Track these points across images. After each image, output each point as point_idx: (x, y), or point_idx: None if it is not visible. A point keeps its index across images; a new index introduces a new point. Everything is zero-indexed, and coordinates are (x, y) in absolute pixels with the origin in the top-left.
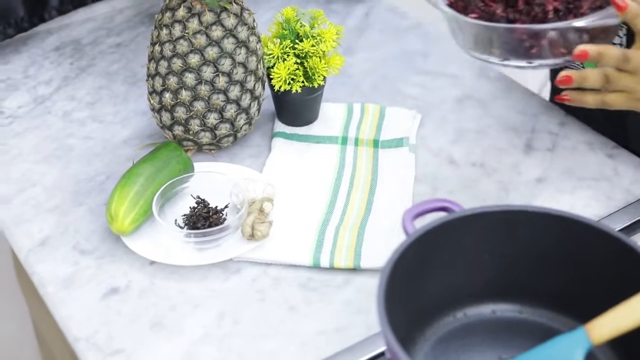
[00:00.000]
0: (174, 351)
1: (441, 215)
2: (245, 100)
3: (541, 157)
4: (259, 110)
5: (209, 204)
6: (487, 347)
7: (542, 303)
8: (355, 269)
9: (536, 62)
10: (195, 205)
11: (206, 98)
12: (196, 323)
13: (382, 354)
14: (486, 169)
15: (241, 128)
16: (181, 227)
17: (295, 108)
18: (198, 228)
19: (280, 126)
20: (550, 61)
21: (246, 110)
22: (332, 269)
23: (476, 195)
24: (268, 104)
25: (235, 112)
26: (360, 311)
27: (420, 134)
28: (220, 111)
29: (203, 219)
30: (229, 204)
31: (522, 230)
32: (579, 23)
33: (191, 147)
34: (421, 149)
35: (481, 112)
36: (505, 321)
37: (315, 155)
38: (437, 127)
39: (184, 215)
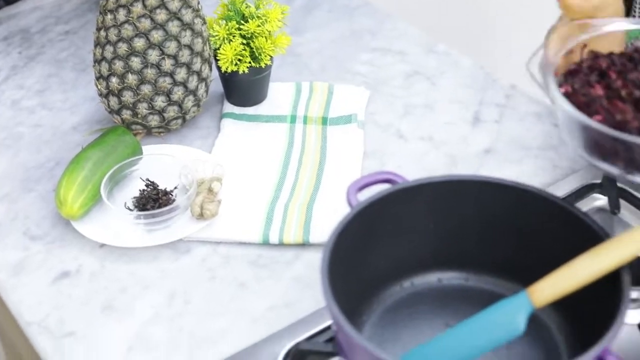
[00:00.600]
0: (125, 332)
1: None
2: (193, 82)
3: (489, 129)
4: (206, 91)
5: (158, 186)
6: (434, 314)
7: (488, 270)
8: (305, 245)
9: None
10: (145, 188)
11: (153, 81)
12: (147, 304)
13: (330, 326)
14: (434, 143)
15: (189, 110)
16: (130, 210)
17: (243, 88)
18: (147, 210)
19: (229, 107)
20: None
21: (194, 92)
22: (281, 245)
23: (425, 168)
24: (216, 85)
25: (182, 94)
26: (310, 286)
27: (368, 110)
28: (168, 94)
29: (152, 200)
30: (178, 185)
31: (467, 199)
32: None
33: (140, 131)
34: (370, 125)
35: (429, 87)
36: (451, 289)
37: (264, 135)
38: (385, 103)
39: (134, 197)
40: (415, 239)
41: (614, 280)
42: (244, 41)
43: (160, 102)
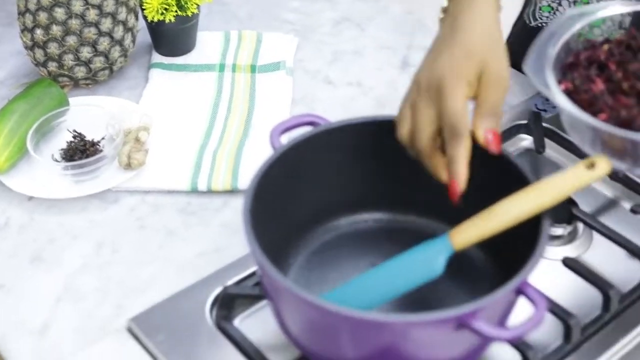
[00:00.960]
0: (54, 283)
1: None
2: (118, 32)
3: None
4: (133, 41)
5: (85, 137)
6: (360, 255)
7: (414, 210)
8: (233, 191)
9: None
10: (72, 139)
11: (78, 32)
12: (75, 254)
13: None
14: (363, 88)
15: (116, 61)
16: (58, 161)
17: (171, 38)
18: (75, 161)
19: (157, 57)
20: None
21: (120, 42)
22: (210, 192)
23: (353, 113)
24: (144, 35)
25: (108, 44)
26: (238, 231)
27: (297, 57)
28: (94, 44)
29: (80, 152)
30: (105, 135)
31: (391, 140)
32: None
33: (67, 83)
34: (298, 72)
35: (358, 33)
36: (378, 230)
37: (193, 84)
38: (314, 50)
39: (61, 149)
40: (341, 181)
41: (536, 218)
42: None
43: (86, 53)
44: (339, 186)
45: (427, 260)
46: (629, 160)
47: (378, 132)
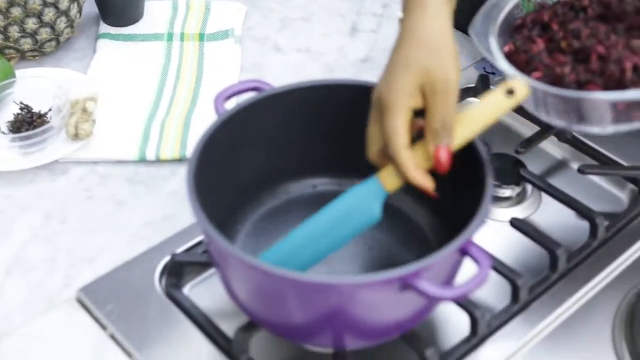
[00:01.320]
0: (3, 255)
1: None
2: (64, 3)
3: (365, 39)
4: (80, 12)
5: (32, 108)
6: None
7: (361, 175)
8: (182, 160)
9: (623, 127)
10: (19, 111)
11: (22, 3)
12: (24, 226)
13: None
14: (312, 54)
15: (63, 32)
16: (5, 133)
17: (118, 8)
18: (22, 133)
19: (105, 27)
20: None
21: (66, 13)
22: (159, 161)
23: (302, 79)
24: (91, 6)
25: (54, 15)
26: (187, 200)
27: (246, 25)
28: (39, 15)
29: (27, 123)
30: (52, 107)
31: (335, 104)
32: None
33: (14, 55)
34: (247, 40)
35: (307, 0)
36: (325, 195)
37: (141, 54)
38: (263, 17)
39: (8, 122)
40: (287, 146)
41: (480, 179)
42: None
43: (31, 24)
44: (285, 151)
45: (362, 207)
46: (565, 118)
47: (323, 97)
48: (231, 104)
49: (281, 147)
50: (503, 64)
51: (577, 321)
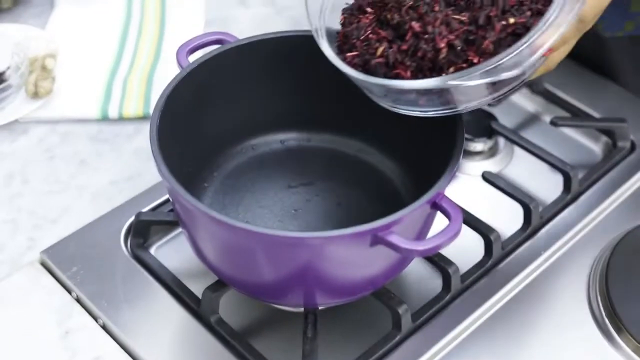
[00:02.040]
0: None
1: None
2: None
3: None
4: None
5: None
6: (276, 177)
7: (329, 129)
8: (146, 117)
9: (430, 111)
10: None
11: None
12: None
13: None
14: (277, 7)
15: None
16: None
17: None
18: None
19: None
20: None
21: None
22: (122, 119)
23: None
24: None
25: None
26: (151, 158)
27: None
28: None
29: None
30: (10, 64)
31: (301, 56)
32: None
33: None
34: None
35: None
36: (294, 150)
37: (101, 9)
38: None
39: None
40: (253, 100)
41: (451, 132)
42: None
43: None
44: (251, 106)
45: None
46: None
47: (289, 49)
48: (195, 59)
49: (247, 101)
50: (325, 47)
51: (551, 276)
